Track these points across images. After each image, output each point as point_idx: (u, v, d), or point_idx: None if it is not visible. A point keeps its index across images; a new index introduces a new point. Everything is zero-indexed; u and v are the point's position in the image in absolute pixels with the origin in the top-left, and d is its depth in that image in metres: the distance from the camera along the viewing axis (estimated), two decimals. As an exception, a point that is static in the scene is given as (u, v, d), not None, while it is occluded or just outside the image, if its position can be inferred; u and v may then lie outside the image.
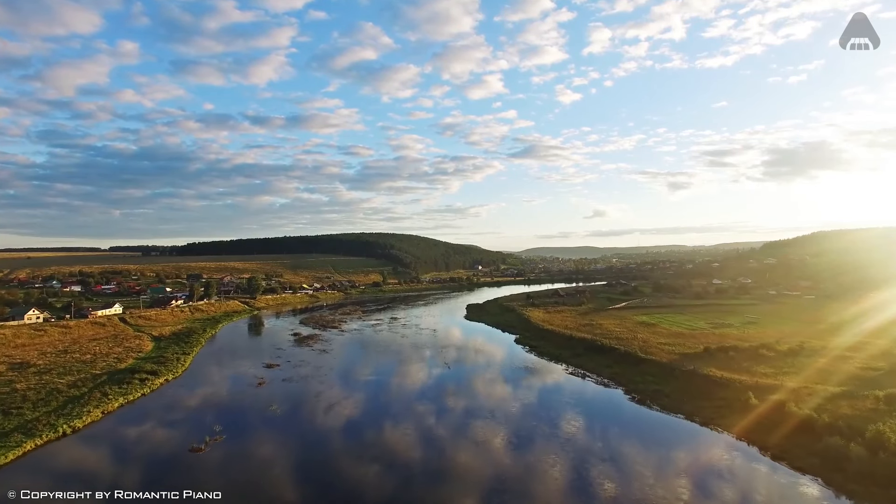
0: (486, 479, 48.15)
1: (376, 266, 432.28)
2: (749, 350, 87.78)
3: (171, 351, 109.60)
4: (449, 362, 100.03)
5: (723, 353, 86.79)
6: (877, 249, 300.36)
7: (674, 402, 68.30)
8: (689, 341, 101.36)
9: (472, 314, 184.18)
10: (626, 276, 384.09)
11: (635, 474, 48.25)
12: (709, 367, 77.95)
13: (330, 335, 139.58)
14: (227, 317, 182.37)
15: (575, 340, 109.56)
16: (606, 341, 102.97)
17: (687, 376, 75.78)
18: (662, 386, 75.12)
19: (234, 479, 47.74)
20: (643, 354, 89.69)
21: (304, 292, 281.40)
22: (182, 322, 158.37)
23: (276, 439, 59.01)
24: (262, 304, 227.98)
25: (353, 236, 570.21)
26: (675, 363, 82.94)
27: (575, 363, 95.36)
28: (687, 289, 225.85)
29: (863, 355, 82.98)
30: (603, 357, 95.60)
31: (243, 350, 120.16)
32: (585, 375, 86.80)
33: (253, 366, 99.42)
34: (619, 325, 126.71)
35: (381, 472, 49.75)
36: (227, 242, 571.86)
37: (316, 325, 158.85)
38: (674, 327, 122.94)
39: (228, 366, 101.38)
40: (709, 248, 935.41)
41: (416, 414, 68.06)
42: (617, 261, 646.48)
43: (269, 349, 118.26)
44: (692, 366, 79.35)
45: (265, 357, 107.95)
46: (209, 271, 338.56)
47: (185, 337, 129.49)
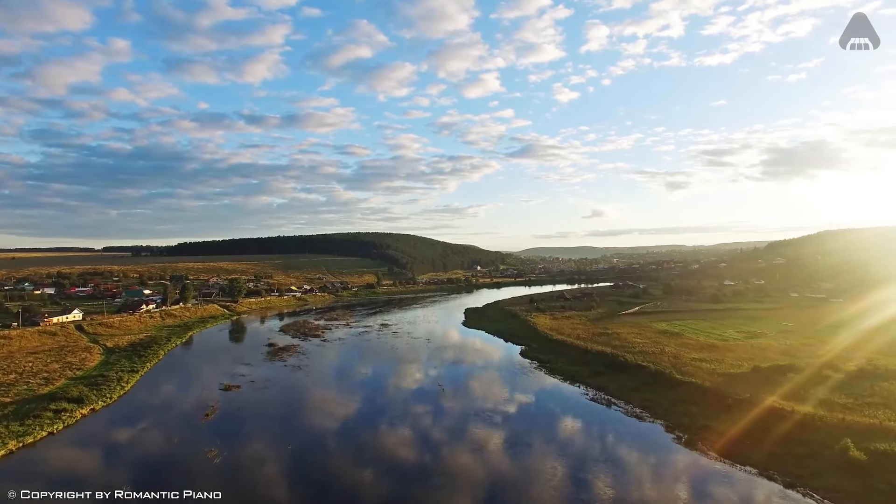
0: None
1: (371, 266, 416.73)
2: (809, 370, 71.80)
3: (118, 367, 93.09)
4: (443, 384, 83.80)
5: (778, 374, 70.83)
6: (886, 248, 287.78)
7: (736, 447, 52.15)
8: (727, 356, 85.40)
9: (470, 320, 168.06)
10: (631, 276, 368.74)
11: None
12: (769, 395, 62.03)
13: (309, 346, 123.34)
14: (201, 323, 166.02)
15: (592, 355, 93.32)
16: (630, 357, 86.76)
17: (744, 409, 59.71)
18: (712, 421, 59.04)
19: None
20: (679, 375, 73.51)
21: (292, 295, 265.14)
22: (148, 330, 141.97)
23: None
24: (243, 307, 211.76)
25: (348, 236, 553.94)
26: (722, 388, 66.82)
27: (595, 385, 79.21)
28: (700, 291, 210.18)
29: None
30: (628, 377, 79.49)
31: (205, 365, 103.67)
32: (611, 403, 70.57)
33: (208, 387, 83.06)
34: (638, 335, 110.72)
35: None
36: (218, 242, 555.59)
37: (297, 334, 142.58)
38: (701, 337, 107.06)
39: (179, 387, 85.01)
40: (709, 248, 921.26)
41: (396, 471, 52.06)
42: (618, 261, 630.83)
43: (235, 364, 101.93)
44: (747, 393, 63.33)
45: (227, 375, 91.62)
46: (196, 272, 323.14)
47: (144, 348, 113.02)
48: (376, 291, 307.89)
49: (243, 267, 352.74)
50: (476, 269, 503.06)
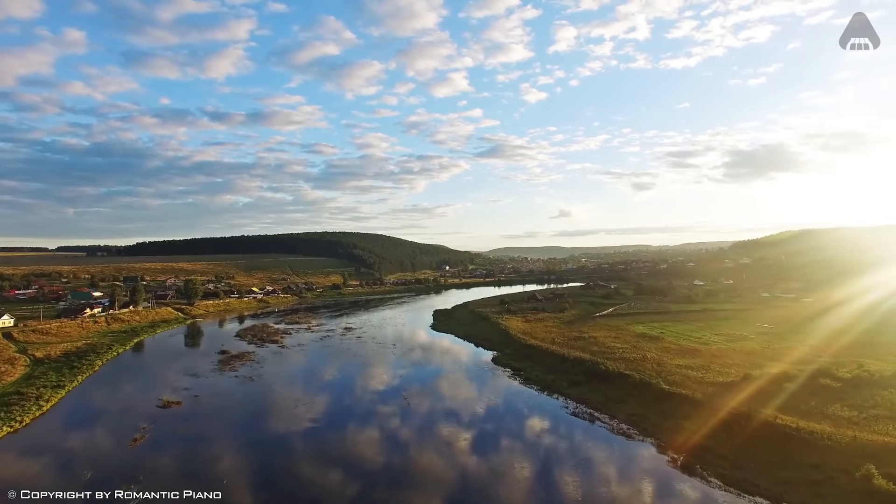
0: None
1: (338, 267, 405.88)
2: (803, 378, 66.71)
3: (41, 382, 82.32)
4: (409, 396, 76.01)
5: (772, 383, 65.32)
6: (846, 248, 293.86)
7: (741, 472, 45.94)
8: (713, 363, 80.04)
9: (439, 323, 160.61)
10: (601, 276, 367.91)
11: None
12: (766, 408, 56.29)
13: (265, 353, 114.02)
14: (151, 328, 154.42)
15: (570, 362, 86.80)
16: (611, 364, 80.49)
17: (743, 425, 53.70)
18: (709, 439, 52.67)
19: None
20: (667, 386, 67.46)
21: (253, 296, 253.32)
22: (89, 336, 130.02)
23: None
24: (199, 310, 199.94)
25: (314, 235, 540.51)
26: (715, 401, 60.84)
27: (575, 396, 72.63)
28: (672, 291, 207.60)
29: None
30: (610, 387, 73.16)
31: (145, 377, 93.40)
32: (594, 417, 63.96)
33: (143, 404, 73.35)
34: (616, 339, 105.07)
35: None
36: (179, 242, 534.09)
37: (254, 339, 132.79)
38: (682, 341, 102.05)
39: (108, 405, 74.91)
40: (674, 248, 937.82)
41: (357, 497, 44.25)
42: (587, 261, 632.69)
43: (181, 375, 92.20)
44: (744, 406, 57.40)
45: (169, 388, 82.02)
46: (153, 273, 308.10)
47: (79, 358, 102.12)
48: (342, 292, 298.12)
49: (204, 267, 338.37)
50: (445, 270, 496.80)
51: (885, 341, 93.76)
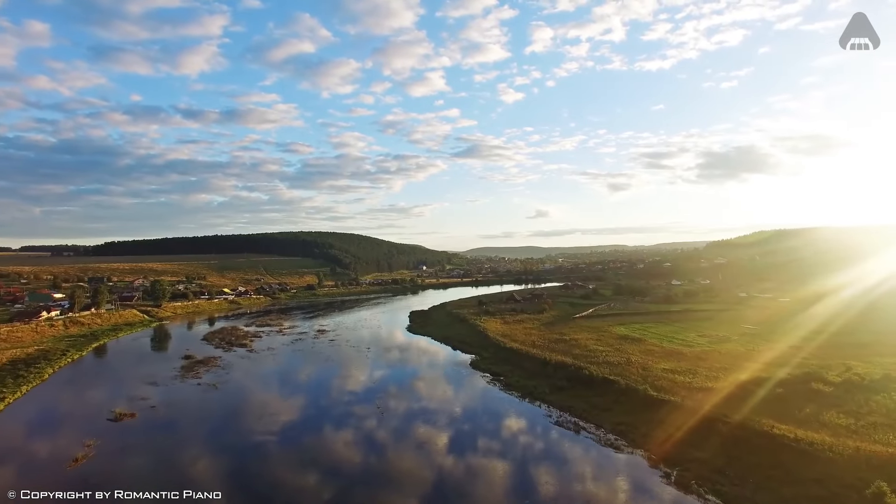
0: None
1: (313, 267, 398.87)
2: (795, 384, 64.06)
3: (-21, 393, 75.68)
4: (382, 405, 71.40)
5: (763, 388, 62.44)
6: (818, 248, 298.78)
7: (739, 488, 42.48)
8: (699, 367, 77.19)
9: (415, 324, 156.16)
10: (578, 276, 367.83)
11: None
12: (760, 416, 53.29)
13: (232, 358, 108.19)
14: (113, 331, 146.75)
15: (551, 367, 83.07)
16: (595, 369, 77.03)
17: (737, 435, 50.52)
18: (701, 450, 49.28)
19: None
20: (655, 392, 64.13)
21: (224, 298, 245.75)
22: (44, 342, 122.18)
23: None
24: (167, 312, 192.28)
25: (289, 235, 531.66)
26: (705, 408, 57.37)
27: (558, 403, 68.86)
28: (651, 291, 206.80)
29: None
30: (595, 394, 69.61)
31: (99, 386, 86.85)
32: (579, 427, 60.16)
33: (93, 416, 67.36)
34: (598, 342, 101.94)
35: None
36: (150, 242, 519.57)
37: (221, 343, 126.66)
38: (665, 343, 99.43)
39: (55, 417, 68.72)
40: (650, 248, 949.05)
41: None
42: (563, 261, 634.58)
43: (139, 383, 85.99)
44: (736, 414, 54.37)
45: (123, 399, 75.97)
46: (121, 273, 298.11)
47: (27, 366, 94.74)
48: (317, 293, 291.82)
49: (175, 268, 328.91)
50: (422, 270, 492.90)
51: (865, 341, 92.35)
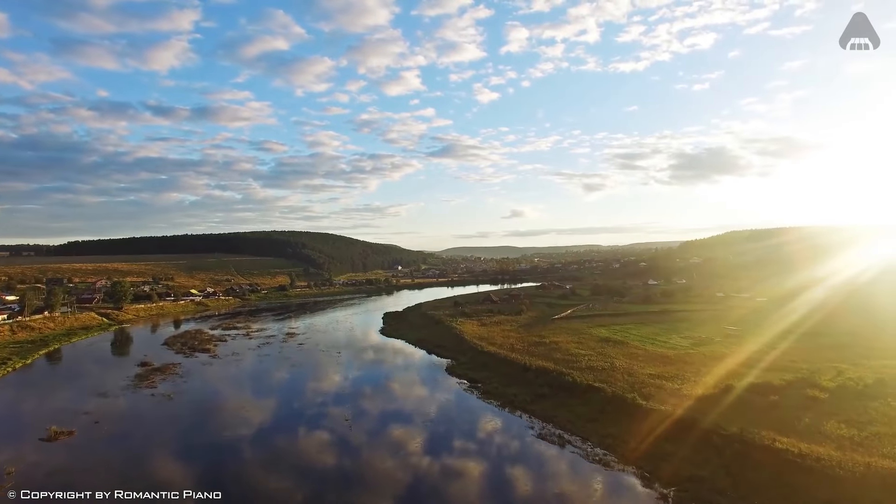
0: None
1: (286, 267, 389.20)
2: (789, 390, 60.63)
3: None
4: (350, 418, 65.92)
5: (756, 395, 59.04)
6: (788, 248, 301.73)
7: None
8: (686, 371, 73.56)
9: (389, 326, 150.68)
10: (555, 276, 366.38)
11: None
12: (758, 427, 49.45)
13: (193, 364, 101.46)
14: (67, 336, 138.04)
15: (532, 372, 78.54)
16: (578, 375, 72.74)
17: (736, 449, 46.54)
18: (699, 467, 45.36)
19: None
20: (643, 401, 59.99)
21: (191, 299, 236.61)
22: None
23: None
24: (129, 315, 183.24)
25: (261, 234, 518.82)
26: (698, 418, 53.34)
27: (540, 413, 64.35)
28: (629, 291, 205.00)
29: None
30: (579, 402, 65.25)
31: (40, 398, 79.03)
32: (564, 440, 55.61)
33: (25, 435, 60.19)
34: (579, 345, 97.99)
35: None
36: (117, 241, 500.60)
37: (182, 348, 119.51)
38: (648, 345, 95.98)
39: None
40: (624, 248, 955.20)
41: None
42: (539, 260, 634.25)
43: (85, 395, 78.99)
44: (732, 425, 50.43)
45: (66, 412, 68.86)
46: (83, 274, 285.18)
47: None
48: (288, 294, 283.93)
49: (142, 268, 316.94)
50: (397, 270, 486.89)
51: (845, 342, 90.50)
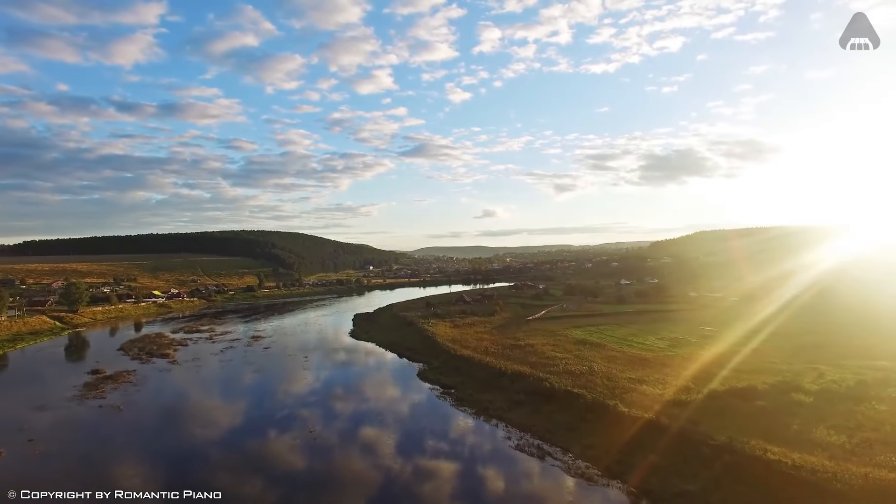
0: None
1: (254, 267, 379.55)
2: (775, 395, 58.40)
3: None
4: (315, 430, 61.40)
5: (744, 401, 56.59)
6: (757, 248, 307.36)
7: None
8: (666, 375, 71.23)
9: (359, 328, 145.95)
10: (527, 276, 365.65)
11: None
12: (747, 436, 46.84)
13: (149, 371, 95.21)
14: (12, 342, 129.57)
15: (507, 377, 75.02)
16: (556, 380, 69.51)
17: (726, 460, 43.79)
18: (688, 481, 42.52)
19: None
20: (626, 408, 56.99)
21: (153, 301, 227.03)
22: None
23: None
24: (85, 318, 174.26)
25: (230, 234, 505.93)
26: (685, 426, 50.95)
27: (517, 422, 60.90)
28: (602, 291, 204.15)
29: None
30: (557, 409, 62.02)
31: (-27, 411, 72.77)
32: (544, 452, 52.17)
33: (-52, 456, 54.33)
34: (555, 347, 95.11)
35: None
36: (77, 241, 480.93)
37: (140, 353, 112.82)
38: (625, 347, 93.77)
39: None
40: (595, 248, 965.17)
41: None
42: (511, 260, 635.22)
43: (23, 408, 72.18)
44: (720, 434, 47.76)
45: (0, 427, 62.91)
46: (39, 275, 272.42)
47: None
48: (256, 295, 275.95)
49: (103, 268, 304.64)
50: (369, 270, 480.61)
51: (820, 342, 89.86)
